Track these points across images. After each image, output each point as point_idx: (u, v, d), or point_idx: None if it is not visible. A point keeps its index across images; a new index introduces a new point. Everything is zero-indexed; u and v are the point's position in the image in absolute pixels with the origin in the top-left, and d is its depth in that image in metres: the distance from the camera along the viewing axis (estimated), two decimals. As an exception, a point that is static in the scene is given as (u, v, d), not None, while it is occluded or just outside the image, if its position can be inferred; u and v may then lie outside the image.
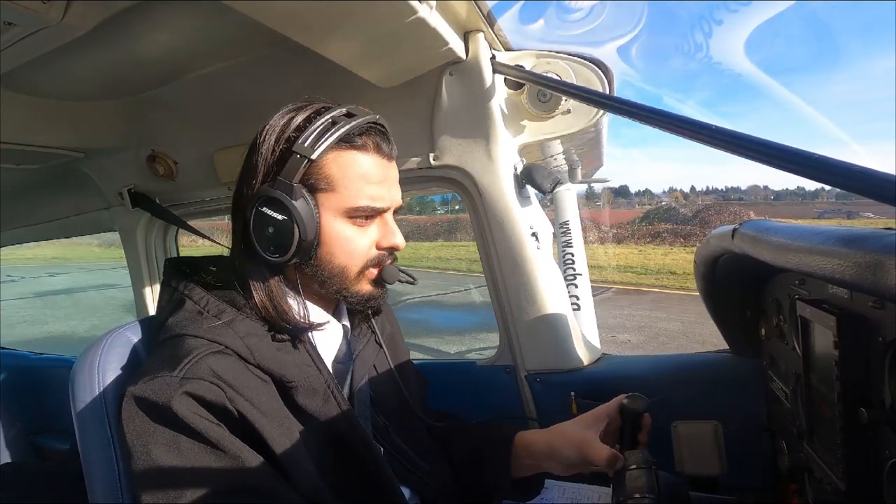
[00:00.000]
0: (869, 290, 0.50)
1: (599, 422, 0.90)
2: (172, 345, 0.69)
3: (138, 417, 0.63)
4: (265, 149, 0.76)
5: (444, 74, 1.09)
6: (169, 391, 0.62)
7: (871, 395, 0.63)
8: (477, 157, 1.13)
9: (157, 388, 0.63)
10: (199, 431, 0.62)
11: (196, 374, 0.64)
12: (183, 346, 0.68)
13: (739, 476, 1.01)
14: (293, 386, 0.71)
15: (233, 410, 0.65)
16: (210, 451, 0.62)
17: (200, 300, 0.73)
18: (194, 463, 0.61)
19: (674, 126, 0.63)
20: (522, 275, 1.17)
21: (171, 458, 0.61)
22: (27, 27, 0.80)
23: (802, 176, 0.48)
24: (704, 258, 0.98)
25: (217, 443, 0.62)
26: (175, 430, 0.62)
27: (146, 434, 0.62)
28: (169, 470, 0.60)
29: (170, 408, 0.61)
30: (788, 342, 0.88)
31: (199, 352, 0.67)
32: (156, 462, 0.61)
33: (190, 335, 0.69)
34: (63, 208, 1.76)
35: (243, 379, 0.68)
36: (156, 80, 1.21)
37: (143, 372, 0.66)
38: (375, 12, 0.79)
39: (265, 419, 0.66)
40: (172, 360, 0.66)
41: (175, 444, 0.62)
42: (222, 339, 0.69)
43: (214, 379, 0.65)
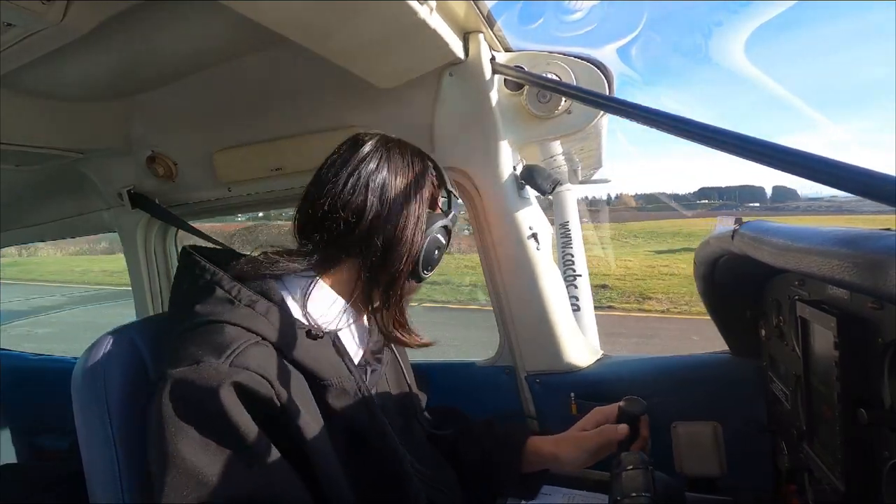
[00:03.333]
0: (868, 291, 0.50)
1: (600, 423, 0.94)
2: (209, 331, 0.67)
3: (176, 403, 0.61)
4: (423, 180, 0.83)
5: (443, 75, 1.09)
6: (217, 378, 0.61)
7: (870, 395, 0.63)
8: (476, 158, 1.13)
9: (203, 374, 0.61)
10: (236, 425, 0.60)
11: (243, 364, 0.63)
12: (223, 334, 0.66)
13: (739, 476, 1.01)
14: (325, 385, 0.71)
15: (277, 404, 0.64)
16: (243, 448, 0.60)
17: (231, 288, 0.72)
18: (224, 458, 0.59)
19: (673, 127, 0.63)
20: (522, 276, 1.17)
21: (203, 450, 0.59)
22: (27, 28, 0.80)
23: (802, 177, 0.48)
24: (704, 259, 0.98)
25: (252, 441, 0.61)
26: (214, 421, 0.60)
27: (182, 421, 0.60)
28: (196, 462, 0.58)
29: (217, 396, 0.60)
30: (788, 343, 0.88)
31: (243, 341, 0.65)
32: (184, 452, 0.58)
33: (226, 322, 0.67)
34: (63, 209, 1.76)
35: (283, 373, 0.67)
36: (156, 80, 1.21)
37: (183, 356, 0.64)
38: (375, 13, 0.79)
39: (304, 415, 0.66)
40: (216, 347, 0.64)
41: (210, 435, 0.60)
42: (260, 329, 0.68)
43: (261, 370, 0.64)
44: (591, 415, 0.98)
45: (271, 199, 1.44)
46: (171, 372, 0.62)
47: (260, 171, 1.34)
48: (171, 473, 0.58)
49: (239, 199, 1.45)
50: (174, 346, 0.68)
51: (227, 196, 1.44)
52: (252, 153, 1.33)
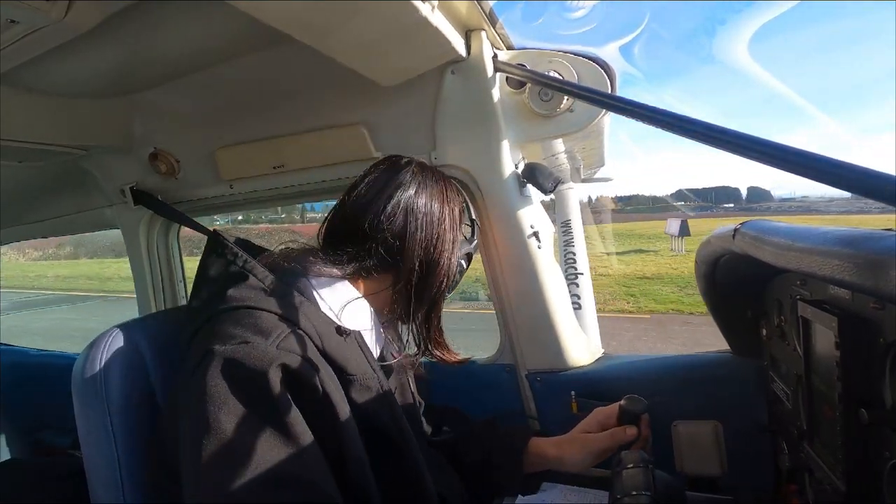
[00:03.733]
0: (870, 291, 0.50)
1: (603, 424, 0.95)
2: (247, 315, 0.68)
3: (223, 379, 0.62)
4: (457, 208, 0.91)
5: (445, 73, 1.09)
6: (267, 359, 0.62)
7: (871, 395, 0.63)
8: (478, 156, 1.13)
9: (253, 353, 0.62)
10: (279, 406, 0.61)
11: (290, 348, 0.65)
12: (264, 319, 0.68)
13: (740, 476, 1.01)
14: (351, 379, 0.73)
15: (320, 390, 0.66)
16: (283, 431, 0.61)
17: (265, 278, 0.75)
18: (264, 438, 0.60)
19: (676, 126, 0.63)
20: (523, 274, 1.16)
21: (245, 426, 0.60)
22: (30, 25, 0.80)
23: (803, 176, 0.48)
24: (705, 258, 0.98)
25: (292, 425, 0.62)
26: (260, 400, 0.61)
27: (227, 395, 0.61)
28: (237, 438, 0.59)
29: (266, 376, 0.61)
30: (789, 343, 0.88)
31: (285, 327, 0.67)
32: (225, 426, 0.59)
33: (263, 309, 0.69)
34: (65, 206, 1.76)
35: (321, 362, 0.69)
36: (158, 77, 1.21)
37: (228, 335, 0.65)
38: (377, 11, 0.79)
39: (343, 405, 0.68)
40: (260, 330, 0.66)
41: (253, 413, 0.61)
42: (297, 319, 0.70)
43: (307, 356, 0.66)
44: (593, 415, 0.98)
45: (273, 196, 1.44)
46: (220, 349, 0.63)
47: (262, 168, 1.34)
48: (209, 443, 0.58)
49: (241, 197, 1.46)
50: (210, 325, 0.69)
51: (228, 193, 1.44)
52: (254, 150, 1.34)
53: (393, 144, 1.21)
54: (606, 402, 1.04)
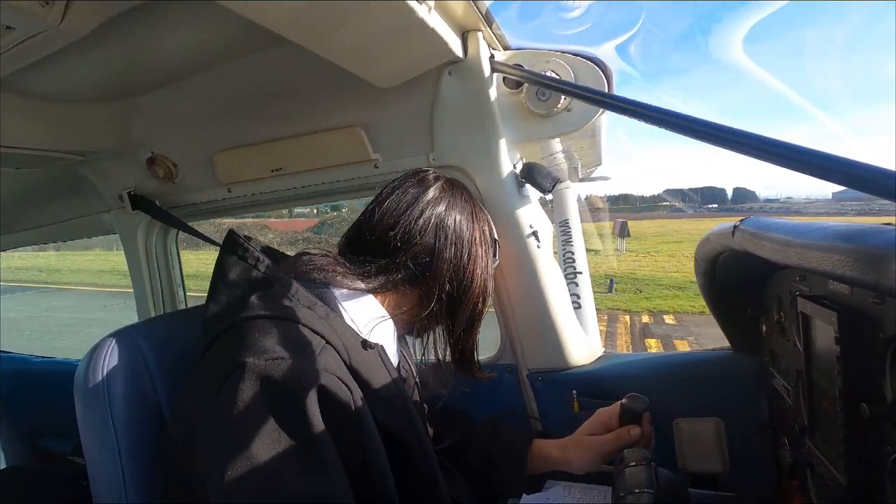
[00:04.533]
0: (869, 286, 0.50)
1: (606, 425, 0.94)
2: (278, 327, 0.66)
3: (260, 393, 0.60)
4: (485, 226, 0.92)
5: (442, 74, 1.09)
6: (306, 379, 0.61)
7: (872, 390, 0.63)
8: (476, 157, 1.13)
9: (290, 372, 0.61)
10: (310, 427, 0.60)
11: (326, 368, 0.63)
12: (295, 332, 0.66)
13: (741, 472, 1.01)
14: (376, 394, 0.71)
15: (353, 409, 0.64)
16: (307, 449, 0.60)
17: (289, 286, 0.72)
18: (287, 455, 0.59)
19: (674, 124, 0.63)
20: (523, 274, 1.16)
21: (270, 441, 0.58)
22: (26, 30, 0.80)
23: (803, 172, 0.48)
24: (705, 255, 0.98)
25: (318, 444, 0.60)
26: (291, 417, 0.60)
27: (259, 411, 0.59)
28: (260, 451, 0.57)
29: (304, 398, 0.60)
30: (789, 338, 0.88)
31: (318, 342, 0.66)
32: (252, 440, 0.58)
33: (292, 321, 0.67)
34: (63, 211, 1.76)
35: (350, 379, 0.67)
36: (155, 81, 1.21)
37: (259, 348, 0.63)
38: (373, 13, 0.79)
39: (370, 423, 0.67)
40: (295, 346, 0.64)
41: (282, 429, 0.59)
42: (326, 333, 0.68)
43: (341, 375, 0.64)
44: (596, 416, 0.98)
45: (271, 199, 1.44)
46: (254, 362, 0.61)
47: (260, 171, 1.34)
48: (239, 461, 0.57)
49: (239, 200, 1.45)
50: (236, 333, 0.67)
51: (227, 197, 1.44)
52: (252, 154, 1.33)
53: (391, 146, 1.21)
54: (608, 400, 1.04)
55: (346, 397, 0.64)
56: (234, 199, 1.44)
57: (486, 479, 0.97)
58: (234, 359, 0.63)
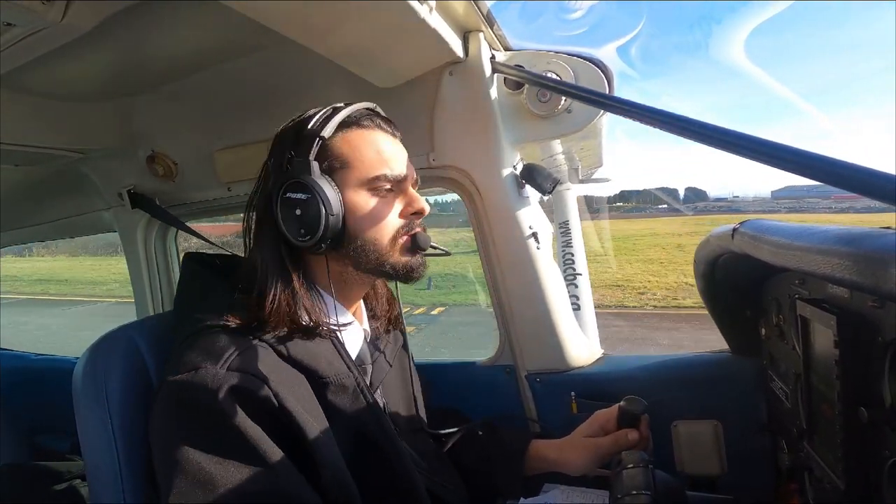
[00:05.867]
0: (869, 290, 0.50)
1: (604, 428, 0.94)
2: (206, 337, 0.68)
3: (178, 409, 0.63)
4: (279, 147, 0.78)
5: (443, 74, 1.09)
6: (215, 384, 0.62)
7: (870, 394, 0.63)
8: (477, 157, 1.13)
9: (201, 380, 0.62)
10: (240, 429, 0.61)
11: (241, 368, 0.64)
12: (220, 339, 0.67)
13: (739, 475, 1.01)
14: (324, 382, 0.72)
15: (275, 404, 0.65)
16: (246, 450, 0.61)
17: (226, 294, 0.74)
18: (229, 461, 0.60)
19: (674, 125, 0.63)
20: (522, 275, 1.16)
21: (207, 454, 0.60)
22: (27, 28, 0.80)
23: (802, 175, 0.48)
24: (704, 258, 0.98)
25: (255, 443, 0.62)
26: (216, 425, 0.61)
27: (184, 427, 0.62)
28: (202, 467, 0.59)
29: (216, 402, 0.61)
30: (788, 341, 0.88)
31: (240, 345, 0.67)
32: (190, 457, 0.59)
33: (222, 327, 0.69)
34: (63, 209, 1.76)
35: (282, 373, 0.68)
36: (155, 80, 1.21)
37: (182, 364, 0.65)
38: (375, 13, 0.79)
39: (304, 414, 0.67)
40: (213, 353, 0.65)
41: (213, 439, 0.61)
42: (256, 332, 0.69)
43: (258, 373, 0.65)
44: (594, 418, 0.98)
45: None
46: (171, 379, 0.64)
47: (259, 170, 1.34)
48: (178, 479, 0.59)
49: (239, 199, 1.45)
50: (177, 353, 0.69)
51: (226, 196, 1.43)
52: (252, 153, 1.33)
53: None
54: (606, 402, 1.03)
55: (264, 393, 0.64)
56: (233, 197, 1.44)
57: (484, 480, 0.97)
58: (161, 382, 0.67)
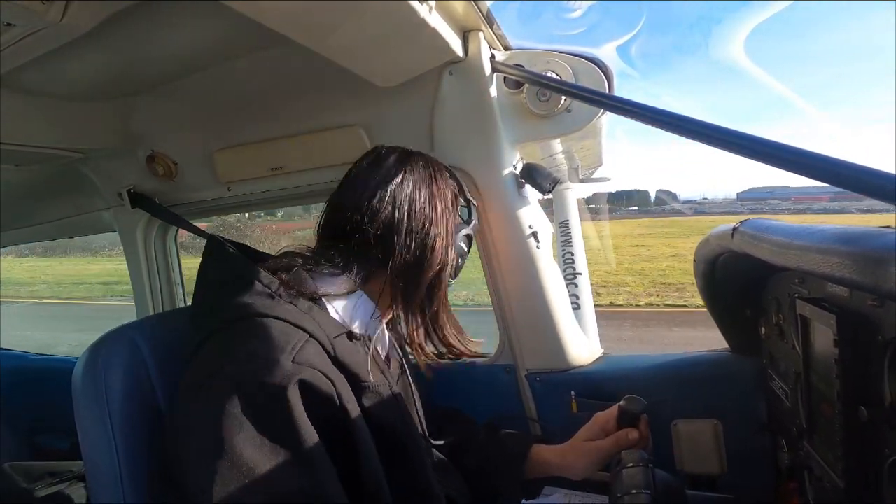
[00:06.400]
0: (868, 289, 0.50)
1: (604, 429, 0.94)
2: (258, 326, 0.66)
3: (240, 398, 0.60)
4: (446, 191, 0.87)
5: (443, 74, 1.09)
6: (283, 377, 0.60)
7: (870, 393, 0.63)
8: (476, 157, 1.13)
9: (268, 372, 0.60)
10: (295, 425, 0.60)
11: (307, 362, 0.63)
12: (277, 330, 0.65)
13: (739, 474, 1.01)
14: (364, 386, 0.71)
15: (337, 403, 0.64)
16: (297, 447, 0.60)
17: (270, 283, 0.72)
18: (275, 455, 0.59)
19: (674, 125, 0.63)
20: (522, 274, 1.16)
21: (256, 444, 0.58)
22: (26, 27, 0.79)
23: (802, 174, 0.48)
24: (704, 257, 0.98)
25: (306, 440, 0.60)
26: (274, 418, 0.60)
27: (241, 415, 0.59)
28: (249, 456, 0.57)
29: (283, 396, 0.59)
30: (788, 341, 0.88)
31: (300, 338, 0.65)
32: (238, 444, 0.58)
33: (274, 317, 0.66)
34: (63, 209, 1.76)
35: (335, 372, 0.67)
36: (155, 80, 1.21)
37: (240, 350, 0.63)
38: (375, 12, 0.79)
39: (355, 415, 0.66)
40: (275, 344, 0.63)
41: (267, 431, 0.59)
42: (308, 327, 0.67)
43: (322, 368, 0.64)
44: (594, 420, 0.98)
45: (271, 198, 1.44)
46: (231, 369, 0.62)
47: (260, 170, 1.34)
48: (222, 464, 0.57)
49: (238, 199, 1.45)
50: (219, 337, 0.67)
51: (226, 196, 1.44)
52: (252, 153, 1.33)
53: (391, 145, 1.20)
54: (606, 401, 1.04)
55: (329, 390, 0.64)
56: (233, 197, 1.44)
57: (484, 482, 0.97)
58: (214, 364, 0.63)
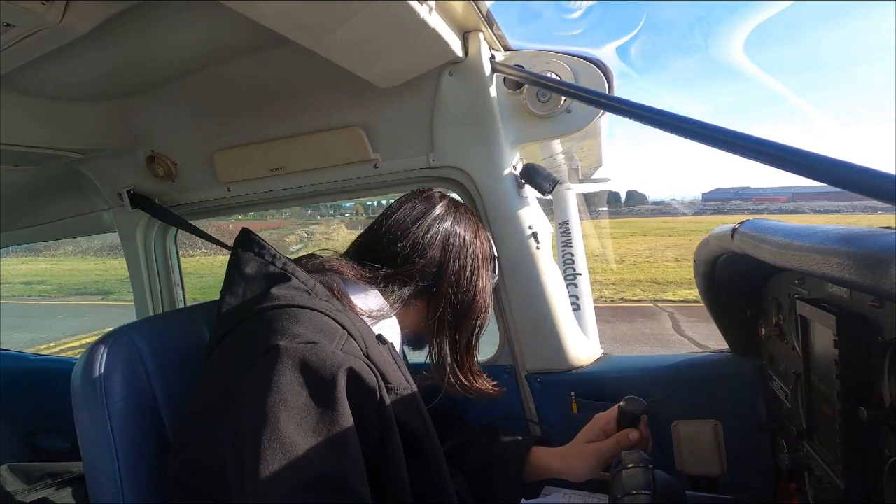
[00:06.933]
0: (868, 289, 0.50)
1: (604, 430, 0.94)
2: (303, 315, 0.67)
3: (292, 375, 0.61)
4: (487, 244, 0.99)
5: (443, 74, 1.09)
6: (335, 362, 0.62)
7: (870, 394, 0.63)
8: (476, 157, 1.13)
9: (322, 355, 0.62)
10: (338, 409, 0.61)
11: (353, 352, 0.65)
12: (320, 321, 0.67)
13: (739, 475, 1.01)
14: (390, 388, 0.72)
15: (377, 397, 0.66)
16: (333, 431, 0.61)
17: (307, 281, 0.75)
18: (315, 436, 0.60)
19: (674, 126, 0.63)
20: (522, 275, 1.16)
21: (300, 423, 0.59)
22: (26, 28, 0.79)
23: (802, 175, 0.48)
24: (704, 258, 0.98)
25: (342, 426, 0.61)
26: (321, 400, 0.61)
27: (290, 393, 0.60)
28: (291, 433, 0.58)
29: (335, 379, 0.61)
30: (788, 341, 0.88)
31: (343, 332, 0.68)
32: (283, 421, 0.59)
33: (315, 310, 0.69)
34: (63, 209, 1.76)
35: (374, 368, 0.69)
36: (155, 80, 1.21)
37: (289, 332, 0.64)
38: (374, 12, 0.79)
39: (387, 412, 0.68)
40: (324, 332, 0.66)
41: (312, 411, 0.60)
42: (346, 324, 0.70)
43: (370, 362, 0.66)
44: (594, 422, 0.98)
45: (271, 199, 1.44)
46: (287, 345, 0.63)
47: (260, 170, 1.34)
48: (267, 438, 0.58)
49: (239, 199, 1.45)
50: (261, 321, 0.68)
51: (226, 196, 1.44)
52: (252, 153, 1.33)
53: (391, 146, 1.20)
54: (606, 402, 1.03)
55: (373, 382, 0.66)
56: (233, 198, 1.44)
57: (484, 484, 0.97)
58: (266, 342, 0.64)
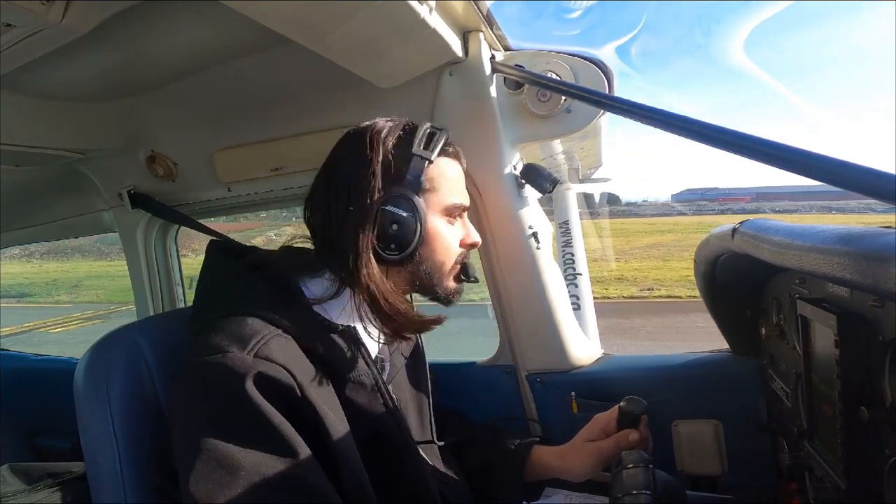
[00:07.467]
0: (869, 289, 0.50)
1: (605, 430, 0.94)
2: (232, 322, 0.68)
3: (204, 391, 0.62)
4: (382, 153, 0.77)
5: (443, 74, 1.09)
6: (242, 369, 0.61)
7: (871, 393, 0.63)
8: (476, 157, 1.13)
9: (230, 364, 0.62)
10: (265, 416, 0.60)
11: (267, 356, 0.64)
12: (246, 325, 0.67)
13: (740, 475, 1.01)
14: (344, 378, 0.72)
15: (298, 395, 0.64)
16: (269, 438, 0.60)
17: (255, 281, 0.75)
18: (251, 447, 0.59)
19: (674, 125, 0.63)
20: (522, 275, 1.16)
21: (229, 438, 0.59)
22: (27, 28, 0.80)
23: (802, 175, 0.48)
24: (705, 257, 0.98)
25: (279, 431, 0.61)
26: (240, 410, 0.60)
27: (208, 409, 0.61)
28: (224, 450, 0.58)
29: (242, 387, 0.60)
30: (789, 341, 0.88)
31: (267, 333, 0.67)
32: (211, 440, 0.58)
33: (248, 314, 0.68)
34: (63, 209, 1.76)
35: (305, 365, 0.68)
36: (155, 80, 1.21)
37: (208, 346, 0.65)
38: (375, 12, 0.79)
39: (325, 408, 0.67)
40: (239, 338, 0.65)
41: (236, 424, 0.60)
42: (281, 322, 0.69)
43: (283, 362, 0.64)
44: (594, 422, 0.98)
45: (271, 199, 1.44)
46: (197, 361, 0.64)
47: (260, 170, 1.34)
48: (200, 461, 0.57)
49: (239, 199, 1.45)
50: (199, 335, 0.69)
51: (226, 196, 1.44)
52: (252, 153, 1.33)
53: None
54: (607, 402, 1.03)
55: (288, 382, 0.64)
56: (233, 198, 1.44)
57: (484, 485, 0.97)
58: (184, 365, 0.67)
